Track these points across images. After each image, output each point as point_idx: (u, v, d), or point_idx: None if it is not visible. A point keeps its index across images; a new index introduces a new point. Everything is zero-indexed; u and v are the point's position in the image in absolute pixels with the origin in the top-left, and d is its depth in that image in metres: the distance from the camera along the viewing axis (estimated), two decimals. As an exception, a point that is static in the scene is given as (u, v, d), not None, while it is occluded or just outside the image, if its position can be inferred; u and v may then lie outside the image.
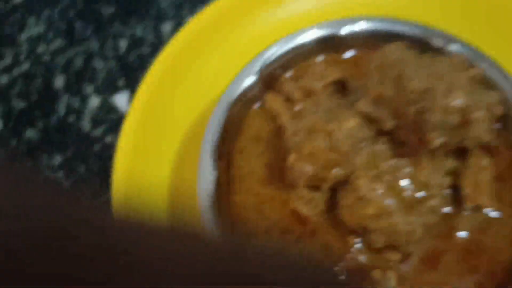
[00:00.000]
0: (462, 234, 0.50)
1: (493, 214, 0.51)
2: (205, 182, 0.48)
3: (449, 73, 0.43)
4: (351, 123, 0.46)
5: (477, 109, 0.42)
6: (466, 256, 0.49)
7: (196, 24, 0.63)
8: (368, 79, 0.46)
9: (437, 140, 0.44)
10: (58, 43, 0.70)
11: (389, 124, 0.46)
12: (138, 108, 0.59)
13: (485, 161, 0.51)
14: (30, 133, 0.65)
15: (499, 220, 0.51)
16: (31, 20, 0.72)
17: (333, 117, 0.47)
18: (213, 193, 0.48)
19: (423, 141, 0.45)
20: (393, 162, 0.48)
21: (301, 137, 0.47)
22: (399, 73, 0.43)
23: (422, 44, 0.53)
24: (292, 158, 0.48)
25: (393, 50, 0.45)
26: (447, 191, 0.51)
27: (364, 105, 0.47)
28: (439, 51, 0.54)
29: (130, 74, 0.67)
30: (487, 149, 0.53)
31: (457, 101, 0.42)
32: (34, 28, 0.71)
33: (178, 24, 0.69)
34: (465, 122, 0.43)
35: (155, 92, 0.60)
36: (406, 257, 0.49)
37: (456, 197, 0.51)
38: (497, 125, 0.54)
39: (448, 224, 0.51)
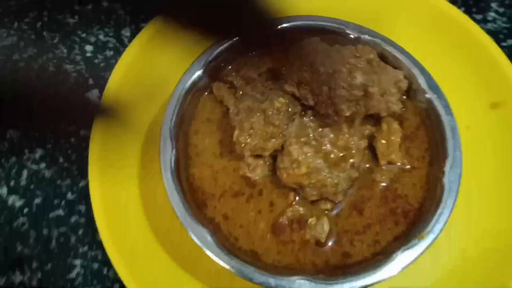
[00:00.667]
0: (381, 184, 0.62)
1: (404, 167, 0.63)
2: (166, 160, 0.58)
3: (351, 58, 0.54)
4: (280, 101, 0.57)
5: (374, 85, 0.54)
6: (385, 202, 0.61)
7: (151, 28, 0.73)
8: (291, 67, 0.57)
9: (347, 110, 0.55)
10: (30, 51, 0.78)
11: (311, 101, 0.57)
12: (107, 103, 0.69)
13: (394, 126, 0.62)
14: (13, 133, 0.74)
15: (409, 171, 0.62)
16: (2, 32, 0.80)
17: (266, 98, 0.57)
18: (173, 167, 0.58)
19: (338, 112, 0.56)
20: (319, 130, 0.59)
21: (242, 116, 0.58)
22: (313, 61, 0.54)
23: (338, 35, 0.65)
24: (236, 133, 0.58)
25: (309, 43, 0.56)
26: (366, 151, 0.63)
27: (289, 87, 0.58)
28: (354, 41, 0.65)
29: (98, 74, 0.77)
30: (397, 117, 0.64)
31: (358, 79, 0.53)
32: (7, 38, 0.79)
33: (136, 29, 0.79)
34: (366, 95, 0.55)
35: (121, 88, 0.69)
36: (336, 205, 0.61)
37: (374, 156, 0.62)
38: (404, 97, 0.66)
39: (369, 177, 0.62)
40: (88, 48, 0.79)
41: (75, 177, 0.70)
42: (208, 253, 0.54)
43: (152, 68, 0.72)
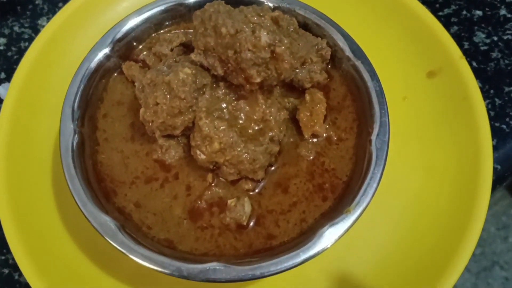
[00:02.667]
0: (307, 159, 0.57)
1: (331, 139, 0.58)
2: (67, 144, 0.53)
3: (254, 16, 0.49)
4: (185, 72, 0.52)
5: (282, 44, 0.49)
6: (312, 177, 0.56)
7: (61, 16, 0.68)
8: (195, 34, 0.52)
9: (257, 76, 0.50)
10: None
11: (220, 70, 0.52)
12: (13, 95, 0.63)
13: (318, 96, 0.58)
14: None
15: (336, 143, 0.58)
16: None
17: (171, 70, 0.53)
18: (75, 152, 0.53)
19: (248, 79, 0.51)
20: (233, 103, 0.54)
21: (146, 92, 0.53)
22: (215, 23, 0.50)
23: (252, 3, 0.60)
24: (141, 111, 0.53)
25: (211, 6, 0.52)
26: (290, 125, 0.58)
27: (195, 56, 0.53)
28: (273, 10, 0.61)
29: (11, 67, 0.72)
30: (322, 87, 0.60)
31: (262, 38, 0.48)
32: None
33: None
34: (274, 57, 0.50)
35: (27, 78, 0.64)
36: (257, 184, 0.56)
37: (299, 130, 0.58)
38: (329, 66, 0.62)
39: (294, 152, 0.58)
40: (2, 40, 0.74)
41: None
42: (111, 242, 0.49)
43: (65, 54, 0.67)
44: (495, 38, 0.76)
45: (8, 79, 0.70)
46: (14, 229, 0.58)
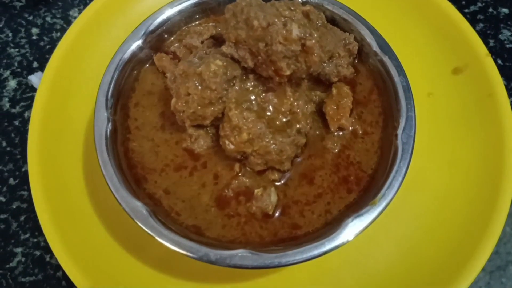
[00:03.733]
0: (332, 151, 0.58)
1: (357, 133, 0.59)
2: (101, 131, 0.55)
3: (286, 10, 0.50)
4: (216, 64, 0.53)
5: (312, 38, 0.50)
6: (337, 170, 0.57)
7: (92, 7, 0.70)
8: (227, 26, 0.53)
9: (286, 68, 0.51)
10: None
11: (250, 62, 0.53)
12: (46, 83, 0.65)
13: (345, 90, 0.59)
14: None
15: (362, 137, 0.59)
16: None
17: (203, 62, 0.54)
18: (109, 139, 0.55)
19: (278, 72, 0.52)
20: (262, 95, 0.56)
21: (178, 83, 0.54)
22: (246, 16, 0.51)
23: None
24: (173, 101, 0.55)
25: (243, 0, 0.53)
26: (316, 118, 0.59)
27: (226, 48, 0.54)
28: (302, 4, 0.62)
29: (43, 56, 0.74)
30: (349, 81, 0.61)
31: (293, 32, 0.49)
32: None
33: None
34: (304, 50, 0.51)
35: (60, 67, 0.66)
36: (284, 175, 0.57)
37: (325, 123, 0.59)
38: (356, 60, 0.63)
39: (320, 144, 0.59)
40: (34, 30, 0.76)
41: (17, 162, 0.67)
42: (142, 226, 0.51)
43: (96, 45, 0.69)
44: (521, 36, 0.76)
45: (40, 68, 0.72)
46: (47, 212, 0.60)
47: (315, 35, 0.51)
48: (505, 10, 0.78)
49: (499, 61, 0.74)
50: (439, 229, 0.59)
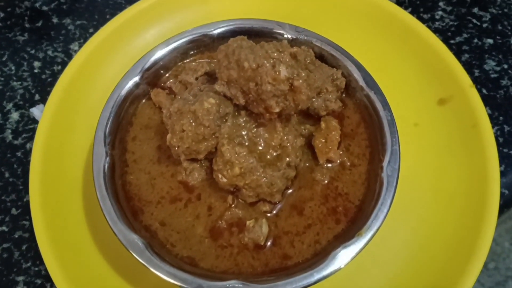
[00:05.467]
0: (321, 183, 0.61)
1: (344, 165, 0.62)
2: (99, 166, 0.57)
3: (274, 52, 0.53)
4: (209, 102, 0.56)
5: (299, 78, 0.53)
6: (326, 201, 0.60)
7: (94, 41, 0.73)
8: (220, 66, 0.56)
9: (276, 106, 0.54)
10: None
11: (241, 99, 0.56)
12: (48, 116, 0.68)
13: (333, 124, 0.62)
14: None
15: (350, 169, 0.61)
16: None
17: (197, 99, 0.57)
18: (107, 173, 0.57)
19: (268, 109, 0.55)
20: (253, 130, 0.58)
21: (173, 119, 0.57)
22: (237, 58, 0.54)
23: (274, 38, 0.65)
24: (168, 137, 0.58)
25: (234, 41, 0.56)
26: (305, 151, 0.62)
27: (219, 87, 0.57)
28: (291, 42, 0.65)
29: (44, 89, 0.77)
30: (337, 115, 0.64)
31: (282, 72, 0.52)
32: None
33: (85, 43, 0.79)
34: (292, 89, 0.54)
35: (61, 100, 0.69)
36: (275, 206, 0.59)
37: (314, 155, 0.62)
38: (344, 95, 0.66)
39: (310, 176, 0.61)
40: (36, 64, 0.79)
41: (20, 192, 0.70)
42: (139, 259, 0.53)
43: (96, 78, 0.72)
44: (505, 66, 0.79)
45: (42, 100, 0.75)
46: (47, 242, 0.62)
47: (303, 74, 0.54)
48: (490, 41, 0.81)
49: (484, 91, 0.77)
50: (426, 255, 0.61)
